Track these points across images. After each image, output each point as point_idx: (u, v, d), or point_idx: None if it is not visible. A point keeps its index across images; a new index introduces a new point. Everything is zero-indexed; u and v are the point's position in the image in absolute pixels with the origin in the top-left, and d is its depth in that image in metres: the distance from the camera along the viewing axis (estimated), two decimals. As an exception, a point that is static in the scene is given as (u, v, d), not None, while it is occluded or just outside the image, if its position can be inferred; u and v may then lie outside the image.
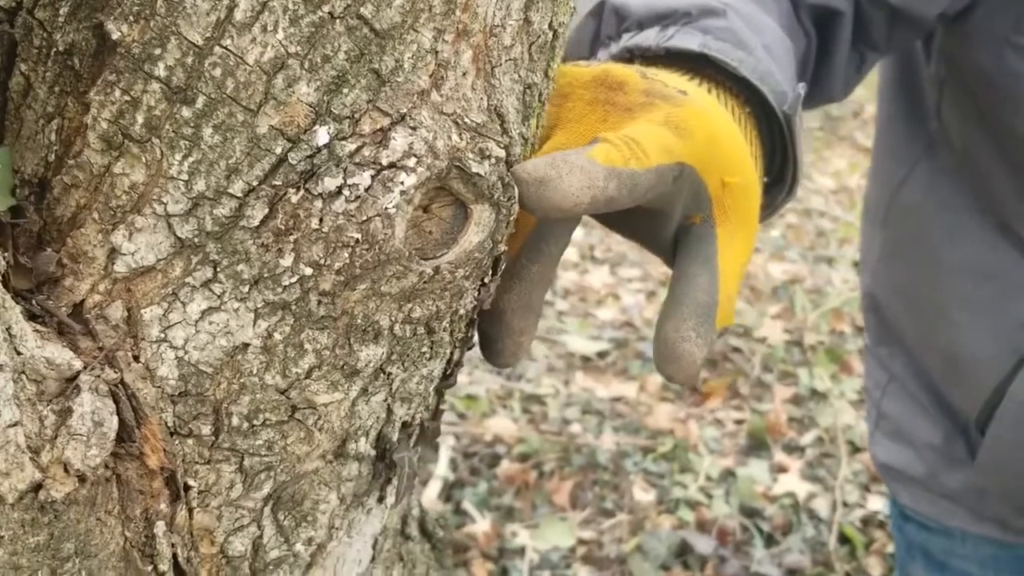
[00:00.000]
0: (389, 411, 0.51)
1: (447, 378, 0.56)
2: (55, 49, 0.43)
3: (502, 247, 0.50)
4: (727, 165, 0.57)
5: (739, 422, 2.64)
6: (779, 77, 0.65)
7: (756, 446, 2.53)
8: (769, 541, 2.18)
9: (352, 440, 0.50)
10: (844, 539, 2.19)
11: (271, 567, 0.51)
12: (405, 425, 0.54)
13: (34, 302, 0.43)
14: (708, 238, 0.58)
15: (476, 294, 0.51)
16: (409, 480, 0.54)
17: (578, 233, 3.70)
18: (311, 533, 0.52)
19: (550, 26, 0.49)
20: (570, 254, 3.53)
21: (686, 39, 0.64)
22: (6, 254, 0.44)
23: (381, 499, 0.55)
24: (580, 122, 0.55)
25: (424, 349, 0.50)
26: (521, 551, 2.07)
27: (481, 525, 2.11)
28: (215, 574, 0.49)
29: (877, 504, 2.27)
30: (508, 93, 0.47)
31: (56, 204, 0.44)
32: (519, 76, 0.48)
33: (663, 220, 0.58)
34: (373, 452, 0.52)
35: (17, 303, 0.43)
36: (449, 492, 2.23)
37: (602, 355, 2.88)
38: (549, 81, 0.51)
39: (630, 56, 0.66)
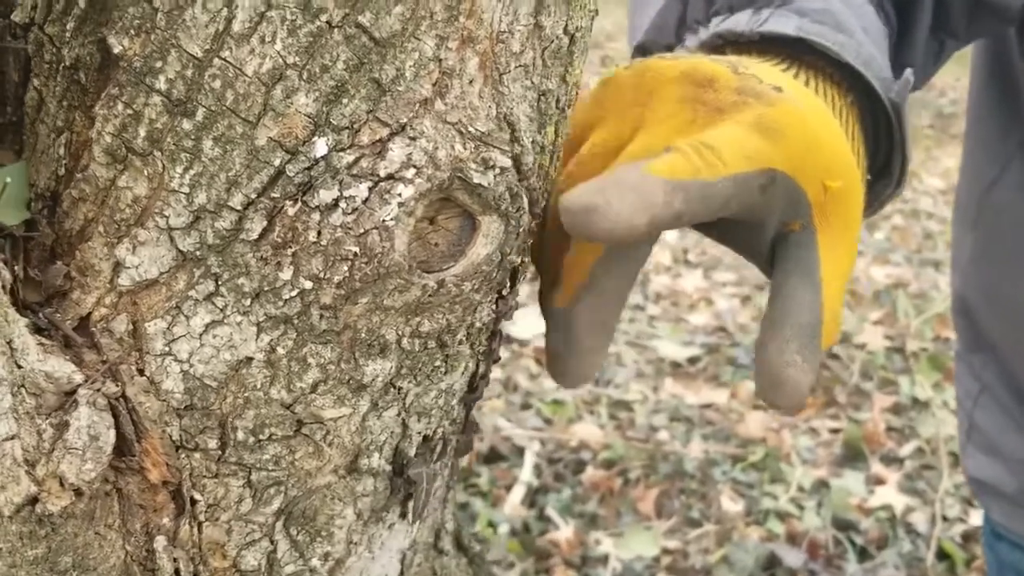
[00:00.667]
0: (404, 426, 0.50)
1: (473, 391, 0.55)
2: (63, 64, 0.43)
3: (516, 259, 0.49)
4: (828, 169, 0.52)
5: (835, 431, 2.56)
6: (882, 62, 0.61)
7: (852, 456, 2.45)
8: (863, 555, 2.10)
9: (364, 455, 0.49)
10: (943, 555, 2.10)
11: (288, 581, 0.50)
12: (426, 439, 0.53)
13: (41, 315, 0.44)
14: (808, 246, 0.53)
15: (494, 307, 0.50)
16: (428, 496, 0.53)
17: (672, 236, 3.65)
18: (327, 548, 0.51)
19: (565, 31, 0.47)
20: (663, 258, 3.49)
21: (781, 22, 0.60)
22: (16, 267, 0.44)
23: (404, 515, 0.54)
24: (665, 123, 0.52)
25: (438, 363, 0.49)
26: (604, 559, 2.04)
27: (564, 532, 2.09)
28: (230, 587, 0.49)
29: (979, 519, 2.17)
30: (519, 101, 0.46)
31: (65, 217, 0.45)
32: (532, 83, 0.46)
33: (757, 229, 0.54)
34: (389, 467, 0.51)
35: (26, 316, 0.43)
36: (533, 498, 2.21)
37: (693, 361, 2.83)
38: (567, 87, 0.49)
39: (721, 43, 0.63)
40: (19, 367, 0.40)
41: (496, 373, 2.24)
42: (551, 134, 0.49)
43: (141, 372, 0.44)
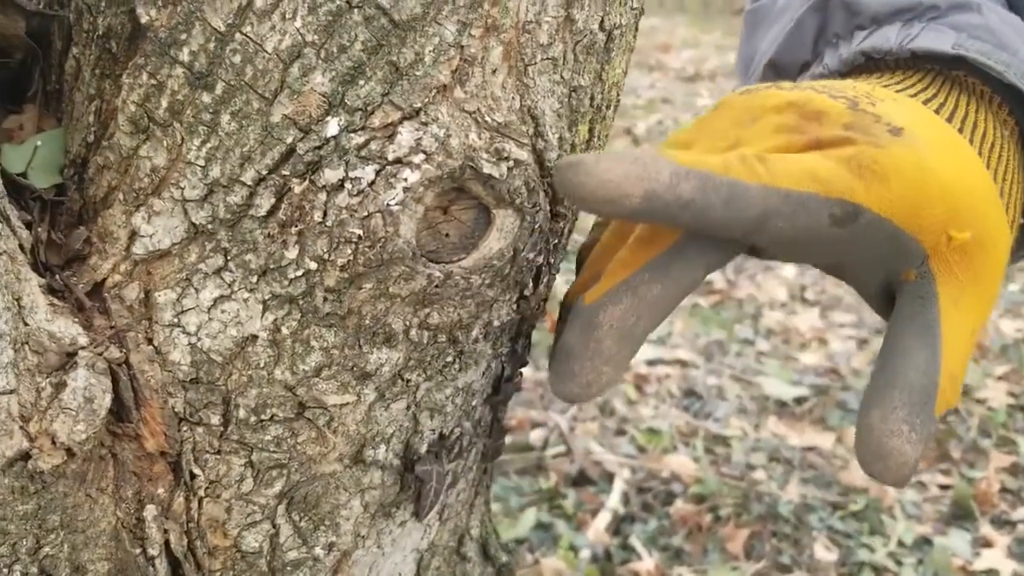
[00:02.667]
0: (415, 420, 0.49)
1: (497, 393, 0.54)
2: (97, 33, 0.44)
3: (538, 258, 0.47)
4: (953, 219, 0.46)
5: (945, 487, 2.44)
6: None
7: (960, 516, 2.33)
8: (962, 620, 1.99)
9: (371, 446, 0.48)
10: (1051, 629, 1.97)
11: (290, 568, 0.50)
12: (442, 437, 0.52)
13: (57, 277, 0.44)
14: (928, 299, 0.47)
15: (514, 307, 0.48)
16: (436, 496, 0.52)
17: (790, 271, 3.55)
18: (332, 538, 0.50)
19: (601, 27, 0.45)
20: (778, 293, 3.39)
21: (936, 38, 0.55)
22: (40, 229, 0.45)
23: (416, 513, 0.53)
24: (755, 147, 0.46)
25: (449, 359, 0.47)
26: (685, 595, 1.99)
27: (646, 563, 2.04)
28: (230, 567, 0.49)
29: (1095, 595, 2.03)
30: (546, 95, 0.44)
31: (91, 184, 0.45)
32: (561, 77, 0.45)
33: (857, 270, 0.49)
34: (399, 462, 0.50)
35: (43, 277, 0.44)
36: (618, 525, 2.17)
37: (800, 401, 2.74)
38: (604, 86, 0.48)
39: (865, 61, 0.58)
40: (25, 324, 0.41)
41: (591, 396, 2.21)
42: (583, 132, 0.48)
43: (149, 341, 0.45)
